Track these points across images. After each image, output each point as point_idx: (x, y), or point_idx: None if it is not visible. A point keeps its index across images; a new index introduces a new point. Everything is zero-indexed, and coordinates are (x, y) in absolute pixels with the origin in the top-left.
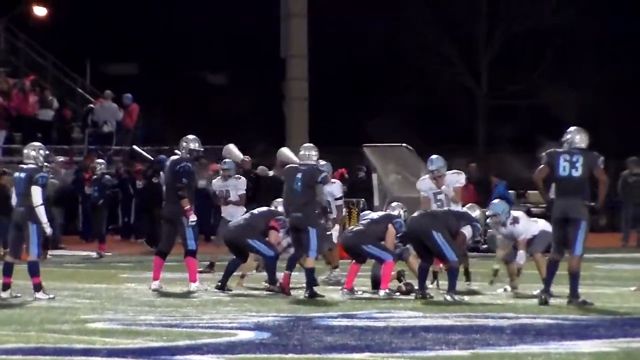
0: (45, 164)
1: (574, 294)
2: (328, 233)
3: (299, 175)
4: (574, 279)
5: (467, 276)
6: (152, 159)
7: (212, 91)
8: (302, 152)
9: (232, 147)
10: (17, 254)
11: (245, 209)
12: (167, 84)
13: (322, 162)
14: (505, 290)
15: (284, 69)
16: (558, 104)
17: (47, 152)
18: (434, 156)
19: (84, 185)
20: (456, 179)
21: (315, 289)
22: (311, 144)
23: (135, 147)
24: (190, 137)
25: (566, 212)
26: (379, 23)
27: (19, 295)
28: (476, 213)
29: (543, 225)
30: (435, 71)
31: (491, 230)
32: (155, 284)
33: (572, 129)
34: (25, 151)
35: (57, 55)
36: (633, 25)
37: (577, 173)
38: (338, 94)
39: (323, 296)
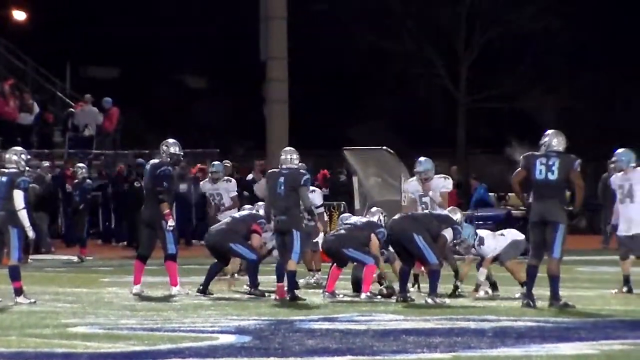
0: (27, 168)
1: (554, 297)
2: (314, 241)
3: (282, 179)
4: (553, 281)
5: (456, 276)
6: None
7: (192, 94)
8: (283, 156)
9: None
10: None
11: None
12: (147, 88)
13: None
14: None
15: (264, 71)
16: (536, 107)
17: (29, 156)
18: (422, 158)
19: (65, 187)
20: (443, 183)
21: (296, 292)
22: (291, 148)
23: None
24: (171, 141)
25: (543, 216)
26: (360, 26)
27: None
28: (457, 216)
29: (512, 235)
30: (416, 74)
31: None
32: (136, 288)
33: (549, 132)
34: (6, 156)
35: (36, 59)
36: (610, 31)
37: (553, 176)
38: (318, 97)
39: (304, 299)
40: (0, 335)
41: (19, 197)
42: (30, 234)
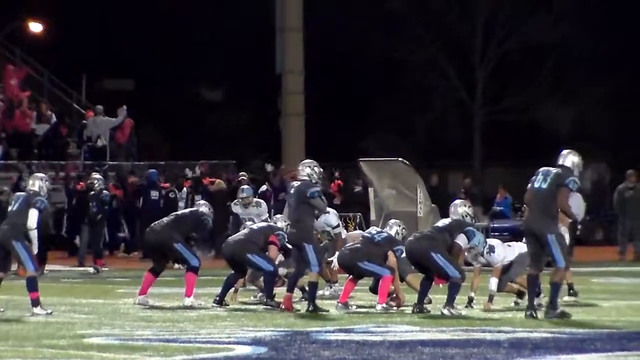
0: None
1: (552, 305)
2: (329, 260)
3: (292, 191)
4: (554, 289)
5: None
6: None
7: (207, 107)
8: (299, 168)
9: None
10: (4, 268)
11: None
12: (162, 100)
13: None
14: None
15: (280, 84)
16: (553, 118)
17: (51, 185)
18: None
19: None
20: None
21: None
22: (308, 160)
23: None
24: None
25: (530, 225)
26: (376, 38)
27: (2, 309)
28: (464, 210)
29: (520, 248)
30: (431, 86)
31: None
32: (140, 299)
33: (565, 151)
34: (30, 181)
35: (53, 71)
36: (628, 41)
37: (544, 185)
38: (334, 109)
39: (327, 310)
40: (16, 346)
41: (33, 215)
42: (35, 250)
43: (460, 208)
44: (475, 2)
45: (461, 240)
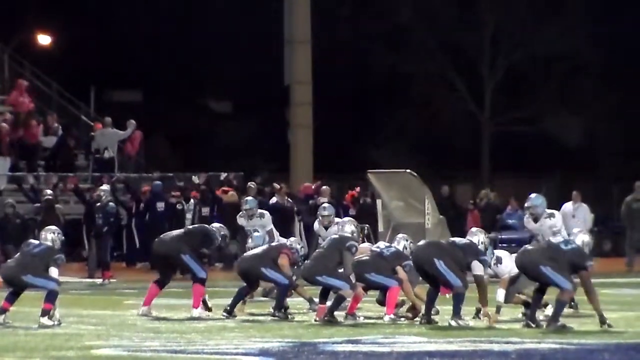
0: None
1: (554, 318)
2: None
3: (331, 238)
4: (559, 304)
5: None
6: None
7: (216, 118)
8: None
9: None
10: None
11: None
12: (171, 112)
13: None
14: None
15: (288, 95)
16: (562, 130)
17: (63, 237)
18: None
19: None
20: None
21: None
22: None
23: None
24: None
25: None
26: (384, 49)
27: (9, 322)
28: (480, 237)
29: None
30: (439, 97)
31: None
32: (143, 310)
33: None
34: (42, 234)
35: (61, 83)
36: (636, 50)
37: None
38: (342, 120)
39: (339, 322)
40: (24, 357)
41: (54, 273)
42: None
43: (477, 236)
44: (482, 13)
45: (478, 269)
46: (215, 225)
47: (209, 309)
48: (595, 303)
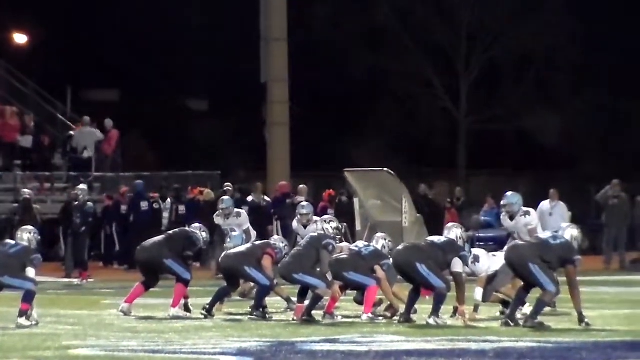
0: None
1: (532, 315)
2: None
3: (308, 237)
4: (539, 303)
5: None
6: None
7: (193, 117)
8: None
9: None
10: None
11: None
12: (148, 110)
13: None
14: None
15: (265, 93)
16: (539, 128)
17: (39, 237)
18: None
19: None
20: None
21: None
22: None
23: None
24: None
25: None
26: (360, 47)
27: None
28: (457, 232)
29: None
30: (416, 95)
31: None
32: (124, 306)
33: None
34: (18, 234)
35: (37, 81)
36: (612, 51)
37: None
38: (318, 118)
39: (318, 321)
40: (2, 358)
41: (31, 273)
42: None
43: (454, 231)
44: (458, 10)
45: (458, 266)
46: (195, 225)
47: (188, 311)
48: (576, 299)
